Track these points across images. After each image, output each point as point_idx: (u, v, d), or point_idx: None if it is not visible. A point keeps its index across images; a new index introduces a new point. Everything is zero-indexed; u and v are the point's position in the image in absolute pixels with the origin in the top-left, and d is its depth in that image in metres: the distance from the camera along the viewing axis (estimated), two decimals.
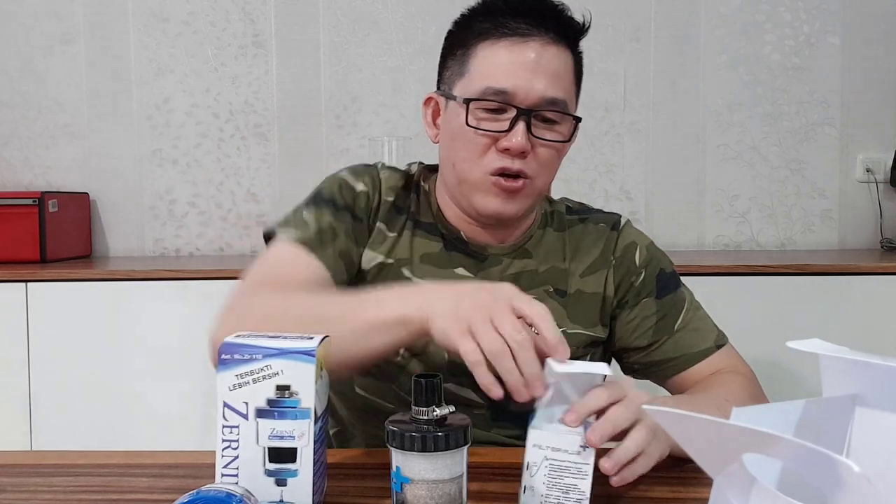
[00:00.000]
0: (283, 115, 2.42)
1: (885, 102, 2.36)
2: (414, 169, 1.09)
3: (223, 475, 0.68)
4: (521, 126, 0.92)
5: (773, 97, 2.38)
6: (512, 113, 0.93)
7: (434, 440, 0.62)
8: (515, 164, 0.93)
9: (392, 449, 0.64)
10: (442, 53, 1.02)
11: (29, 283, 1.88)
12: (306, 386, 0.68)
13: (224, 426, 0.68)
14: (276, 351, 0.68)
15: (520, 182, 0.95)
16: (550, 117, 0.94)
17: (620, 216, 1.10)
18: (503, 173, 0.94)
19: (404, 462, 0.63)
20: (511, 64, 0.92)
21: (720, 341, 1.03)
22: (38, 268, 1.99)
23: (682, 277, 1.07)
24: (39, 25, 2.42)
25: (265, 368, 0.67)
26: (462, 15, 0.99)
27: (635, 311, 1.04)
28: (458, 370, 0.81)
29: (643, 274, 1.04)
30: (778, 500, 0.41)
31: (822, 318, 1.84)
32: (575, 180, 2.39)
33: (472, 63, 0.96)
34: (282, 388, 0.68)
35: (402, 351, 0.98)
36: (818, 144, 2.38)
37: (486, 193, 0.96)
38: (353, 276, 1.00)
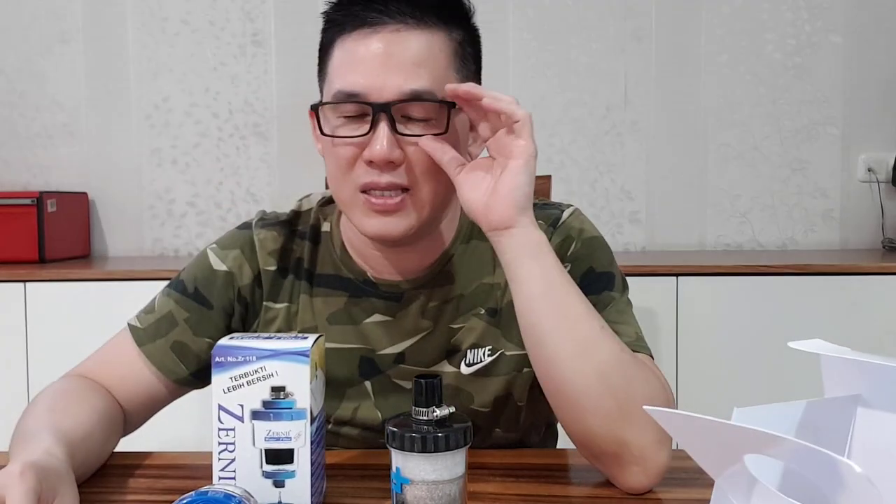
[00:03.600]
0: (283, 115, 2.42)
1: (887, 102, 2.36)
2: (305, 207, 0.97)
3: (220, 478, 0.68)
4: (382, 129, 0.79)
5: (775, 96, 2.37)
6: (370, 114, 0.80)
7: (434, 441, 0.62)
8: (384, 178, 0.80)
9: (392, 450, 0.64)
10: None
11: (27, 284, 1.87)
12: (301, 386, 0.67)
13: (220, 429, 0.68)
14: (270, 352, 0.67)
15: (395, 199, 0.81)
16: (416, 114, 0.81)
17: (564, 210, 0.94)
18: (373, 188, 0.81)
19: (404, 463, 0.63)
20: (359, 61, 0.80)
21: (637, 347, 0.84)
22: (36, 268, 1.99)
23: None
24: (39, 25, 2.42)
25: (259, 370, 0.67)
26: (323, 13, 0.87)
27: None
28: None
29: (568, 268, 0.86)
30: (779, 500, 0.41)
31: (823, 318, 1.83)
32: (575, 180, 2.39)
33: (329, 64, 0.85)
34: (276, 390, 0.67)
35: (330, 420, 0.92)
36: (820, 144, 2.38)
37: (361, 213, 0.83)
38: (198, 367, 0.92)
